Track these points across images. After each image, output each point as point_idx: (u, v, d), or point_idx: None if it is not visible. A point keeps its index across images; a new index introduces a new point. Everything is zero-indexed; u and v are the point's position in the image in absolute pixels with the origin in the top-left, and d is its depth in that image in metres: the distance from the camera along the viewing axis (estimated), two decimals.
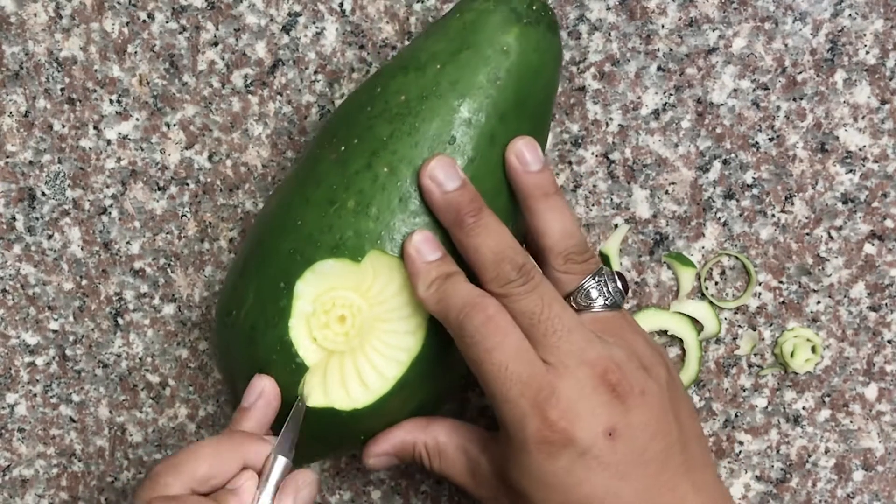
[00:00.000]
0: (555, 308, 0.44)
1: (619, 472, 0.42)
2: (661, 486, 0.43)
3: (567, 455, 0.42)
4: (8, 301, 0.56)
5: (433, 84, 0.45)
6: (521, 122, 0.46)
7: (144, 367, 0.56)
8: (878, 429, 0.55)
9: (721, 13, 0.53)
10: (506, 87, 0.45)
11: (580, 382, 0.42)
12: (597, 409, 0.42)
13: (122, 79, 0.54)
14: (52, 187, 0.55)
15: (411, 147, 0.45)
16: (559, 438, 0.42)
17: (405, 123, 0.45)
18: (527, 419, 0.42)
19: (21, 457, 0.57)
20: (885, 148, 0.53)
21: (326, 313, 0.45)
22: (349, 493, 0.57)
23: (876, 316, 0.54)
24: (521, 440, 0.42)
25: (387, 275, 0.45)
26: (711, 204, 0.54)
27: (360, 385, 0.45)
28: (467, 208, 0.44)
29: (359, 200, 0.45)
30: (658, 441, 0.43)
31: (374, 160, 0.45)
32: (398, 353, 0.45)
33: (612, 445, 0.42)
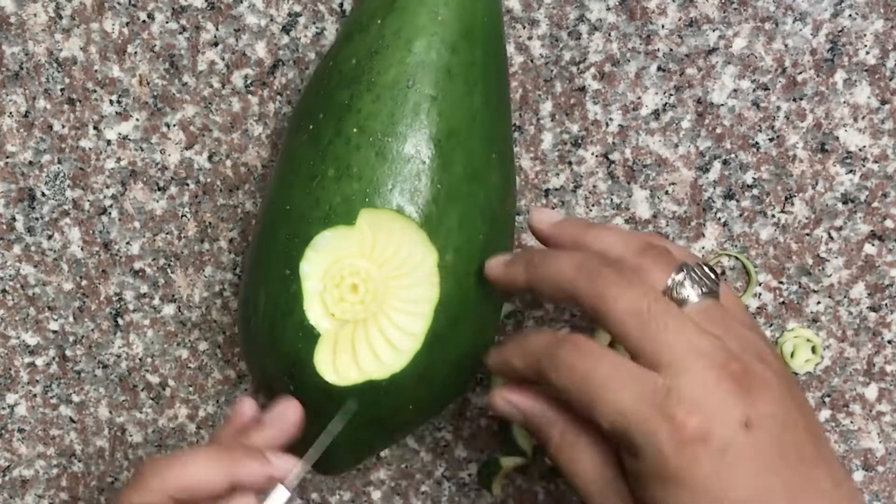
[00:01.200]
0: (661, 303, 0.40)
1: (765, 467, 0.39)
2: (804, 479, 0.39)
3: (709, 455, 0.38)
4: (8, 301, 0.56)
5: (378, 38, 0.46)
6: (474, 49, 0.46)
7: (144, 368, 0.56)
8: (879, 429, 0.55)
9: (721, 13, 0.53)
10: (448, 20, 0.46)
11: (702, 376, 0.39)
12: (726, 402, 0.39)
13: (122, 79, 0.54)
14: (52, 187, 0.55)
15: (373, 101, 0.45)
16: (695, 436, 0.38)
17: (362, 82, 0.45)
18: (654, 424, 0.38)
19: (21, 457, 0.57)
20: (885, 148, 0.53)
21: (338, 286, 0.45)
22: (349, 494, 0.57)
23: (876, 316, 0.54)
24: (657, 452, 0.38)
25: (385, 230, 0.45)
26: (711, 204, 0.54)
27: (390, 348, 0.45)
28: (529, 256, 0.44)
29: (337, 167, 0.45)
30: (789, 432, 0.40)
31: (341, 126, 0.45)
32: (419, 307, 0.45)
33: (751, 438, 0.38)
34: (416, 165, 0.45)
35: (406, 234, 0.45)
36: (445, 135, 0.45)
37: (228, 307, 0.56)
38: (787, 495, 0.38)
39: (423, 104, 0.45)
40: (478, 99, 0.46)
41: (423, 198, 0.45)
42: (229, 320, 0.56)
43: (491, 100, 0.47)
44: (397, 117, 0.45)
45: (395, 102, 0.45)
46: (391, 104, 0.45)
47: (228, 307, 0.56)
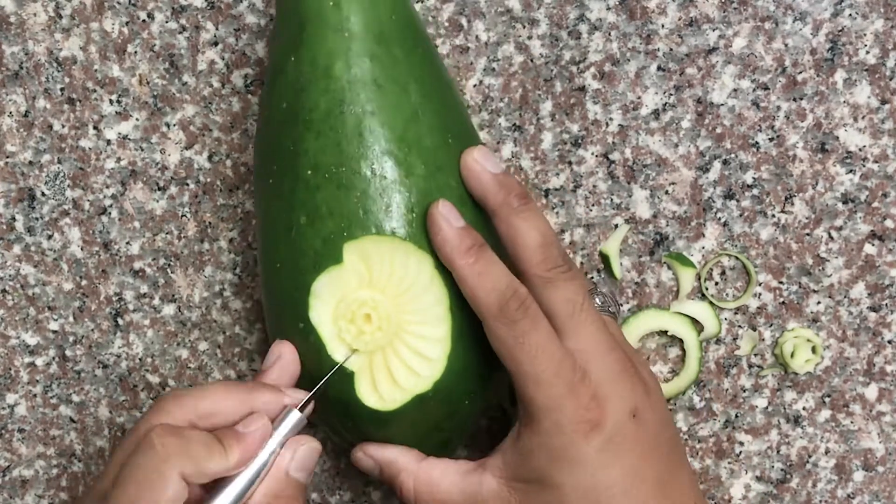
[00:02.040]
0: (587, 299, 0.45)
1: (642, 455, 0.44)
2: (672, 471, 0.45)
3: (601, 435, 0.43)
4: (8, 301, 0.56)
5: (297, 75, 0.45)
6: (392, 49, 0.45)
7: (144, 368, 0.56)
8: (879, 429, 0.55)
9: (721, 13, 0.53)
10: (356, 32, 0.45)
11: (609, 367, 0.44)
12: (624, 392, 0.44)
13: (122, 79, 0.54)
14: (52, 187, 0.55)
15: (315, 138, 0.45)
16: (594, 417, 0.43)
17: (298, 123, 0.45)
18: (563, 399, 0.43)
19: (21, 457, 0.57)
20: (885, 148, 0.53)
21: (352, 322, 0.45)
22: (349, 494, 0.57)
23: (876, 316, 0.54)
24: (556, 422, 0.43)
25: (374, 255, 0.45)
26: (711, 204, 0.54)
27: (424, 360, 0.45)
28: (517, 190, 0.46)
29: (307, 212, 0.45)
30: (666, 430, 0.45)
31: (296, 171, 0.45)
32: (435, 312, 0.45)
33: (636, 426, 0.44)
34: (378, 183, 0.45)
35: (395, 251, 0.45)
36: (395, 143, 0.45)
37: (228, 307, 0.56)
38: (657, 484, 0.44)
39: (363, 122, 0.45)
40: (415, 96, 0.46)
41: (397, 210, 0.45)
42: (229, 320, 0.56)
43: (428, 90, 0.46)
44: (344, 145, 0.45)
45: (336, 131, 0.45)
46: (333, 134, 0.45)
47: (228, 307, 0.56)
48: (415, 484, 0.46)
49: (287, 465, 0.44)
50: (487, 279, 0.44)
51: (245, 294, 0.55)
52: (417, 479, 0.46)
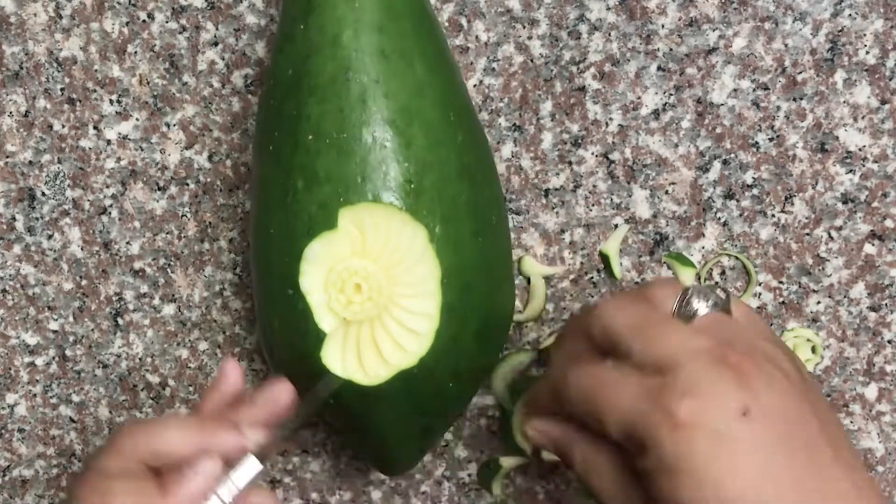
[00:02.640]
0: (658, 315, 0.41)
1: (768, 459, 0.38)
2: (816, 478, 0.39)
3: (704, 439, 0.38)
4: (8, 301, 0.56)
5: (306, 42, 0.46)
6: (401, 22, 0.46)
7: (144, 367, 0.56)
8: (879, 429, 0.55)
9: (721, 13, 0.53)
10: (367, 3, 0.45)
11: (697, 366, 0.39)
12: (721, 387, 0.38)
13: (122, 79, 0.54)
14: (52, 187, 0.55)
15: (318, 103, 0.45)
16: (687, 420, 0.38)
17: (303, 89, 0.45)
18: (653, 417, 0.38)
19: (21, 457, 0.57)
20: (885, 148, 0.53)
21: (342, 291, 0.45)
22: (349, 494, 0.57)
23: (876, 316, 0.54)
24: (657, 444, 0.38)
25: (369, 223, 0.44)
26: (711, 204, 0.54)
27: (411, 335, 0.45)
28: None
29: (304, 177, 0.45)
30: (799, 431, 0.39)
31: (297, 136, 0.45)
32: (425, 287, 0.45)
33: (750, 426, 0.38)
34: (378, 152, 0.45)
35: (390, 220, 0.44)
36: (398, 113, 0.45)
37: (228, 307, 0.56)
38: (797, 492, 0.38)
39: (367, 91, 0.45)
40: (420, 69, 0.46)
41: (395, 180, 0.45)
42: (229, 320, 0.56)
43: (433, 65, 0.46)
44: (346, 112, 0.45)
45: (340, 97, 0.45)
46: (337, 100, 0.45)
47: (228, 307, 0.56)
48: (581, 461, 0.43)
49: None
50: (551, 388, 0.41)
51: (245, 294, 0.55)
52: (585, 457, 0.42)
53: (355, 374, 0.45)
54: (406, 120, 0.45)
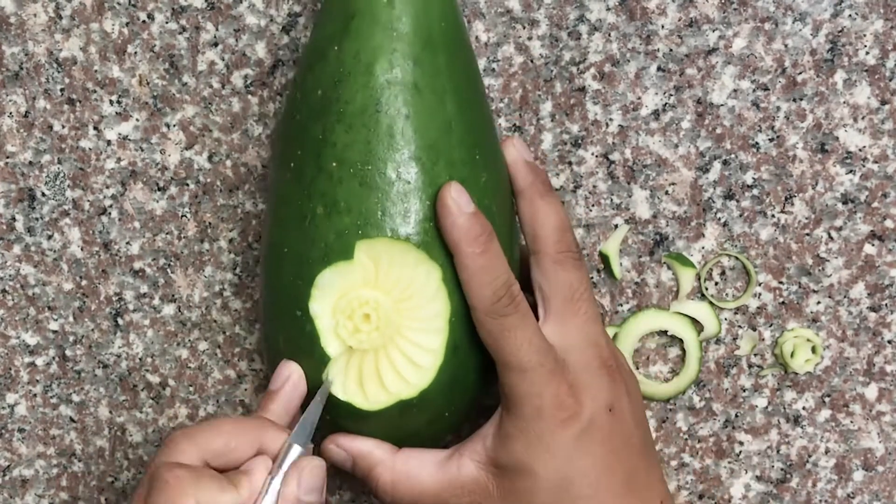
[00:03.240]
0: (589, 290, 0.47)
1: (614, 449, 0.45)
2: (641, 469, 0.47)
3: (576, 424, 0.45)
4: (8, 301, 0.56)
5: (338, 66, 0.45)
6: (437, 56, 0.45)
7: (144, 368, 0.56)
8: (879, 429, 0.55)
9: (721, 13, 0.53)
10: (405, 34, 0.45)
11: (587, 361, 0.46)
12: (601, 385, 0.46)
13: (122, 79, 0.54)
14: (52, 187, 0.55)
15: (346, 132, 0.45)
16: (571, 404, 0.45)
17: (331, 114, 0.45)
18: (544, 387, 0.44)
19: (21, 457, 0.57)
20: (885, 148, 0.53)
21: (350, 318, 0.45)
22: (349, 494, 0.57)
23: (876, 316, 0.54)
24: (537, 408, 0.44)
25: (385, 257, 0.45)
26: (711, 204, 0.54)
27: (414, 368, 0.45)
28: (545, 178, 0.48)
29: (325, 203, 0.45)
30: (639, 430, 0.47)
31: (321, 161, 0.45)
32: (433, 323, 0.45)
33: (611, 421, 0.45)
34: (401, 187, 0.44)
35: (406, 257, 0.45)
36: (425, 150, 0.45)
37: (228, 307, 0.56)
38: (626, 480, 0.46)
39: (396, 125, 0.44)
40: (450, 107, 0.45)
41: (415, 217, 0.45)
42: (229, 320, 0.56)
43: (464, 102, 0.46)
44: (374, 144, 0.44)
45: (368, 129, 0.44)
46: (365, 132, 0.44)
47: (228, 307, 0.56)
48: (392, 477, 0.47)
49: (296, 492, 0.44)
50: (488, 273, 0.45)
51: (245, 294, 0.55)
52: (395, 471, 0.47)
53: (355, 397, 0.46)
54: (432, 158, 0.45)
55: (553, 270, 0.46)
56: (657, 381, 0.55)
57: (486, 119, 0.48)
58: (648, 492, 0.47)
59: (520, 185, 0.47)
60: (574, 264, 0.47)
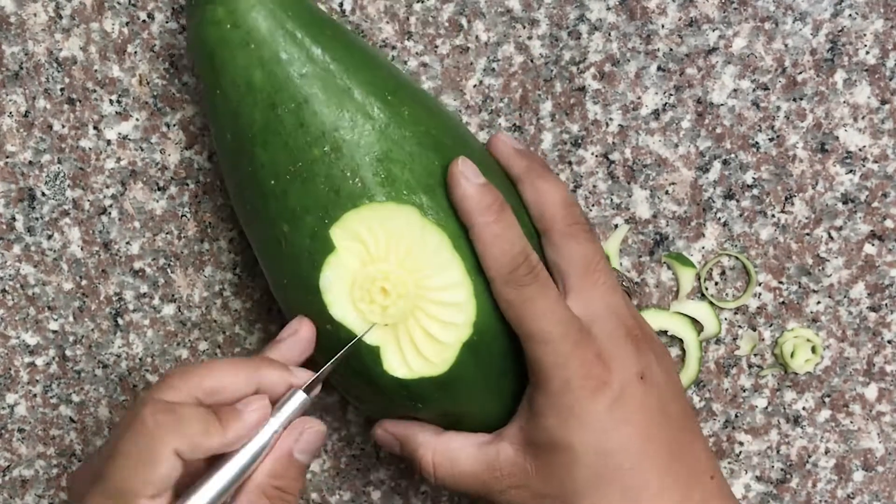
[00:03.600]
0: (604, 260, 0.47)
1: (651, 418, 0.44)
2: (685, 439, 0.45)
3: (608, 393, 0.44)
4: (8, 301, 0.56)
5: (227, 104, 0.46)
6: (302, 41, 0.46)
7: (144, 367, 0.56)
8: (879, 429, 0.55)
9: (721, 13, 0.53)
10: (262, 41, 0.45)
11: (611, 330, 0.45)
12: (627, 354, 0.45)
13: (122, 79, 0.54)
14: (52, 187, 0.55)
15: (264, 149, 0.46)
16: (600, 373, 0.44)
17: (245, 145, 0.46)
18: (570, 358, 0.43)
19: (21, 457, 0.57)
20: (885, 148, 0.53)
21: (372, 302, 0.45)
22: (349, 494, 0.57)
23: (876, 316, 0.54)
24: (564, 380, 0.43)
25: (363, 229, 0.45)
26: (711, 204, 0.54)
27: (453, 307, 0.45)
28: (540, 160, 0.48)
29: (285, 219, 0.46)
30: (676, 403, 0.46)
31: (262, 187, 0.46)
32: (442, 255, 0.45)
33: (644, 389, 0.44)
34: (337, 161, 0.45)
35: (379, 217, 0.45)
36: (336, 120, 0.45)
37: (228, 307, 0.56)
38: (671, 449, 0.44)
39: (300, 114, 0.45)
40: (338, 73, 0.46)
41: (363, 179, 0.45)
42: (229, 320, 0.56)
43: (349, 63, 0.46)
44: (291, 142, 0.45)
45: (279, 133, 0.45)
46: (277, 138, 0.45)
47: (228, 307, 0.56)
48: (433, 457, 0.47)
49: (292, 447, 0.44)
50: (503, 241, 0.44)
51: (245, 294, 0.55)
52: (436, 452, 0.47)
53: (423, 369, 0.45)
54: (347, 121, 0.45)
55: (566, 244, 0.46)
56: None
57: (381, 63, 0.48)
58: (696, 464, 0.45)
59: (517, 172, 0.48)
60: (586, 236, 0.46)
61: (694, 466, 0.45)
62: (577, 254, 0.46)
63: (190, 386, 0.42)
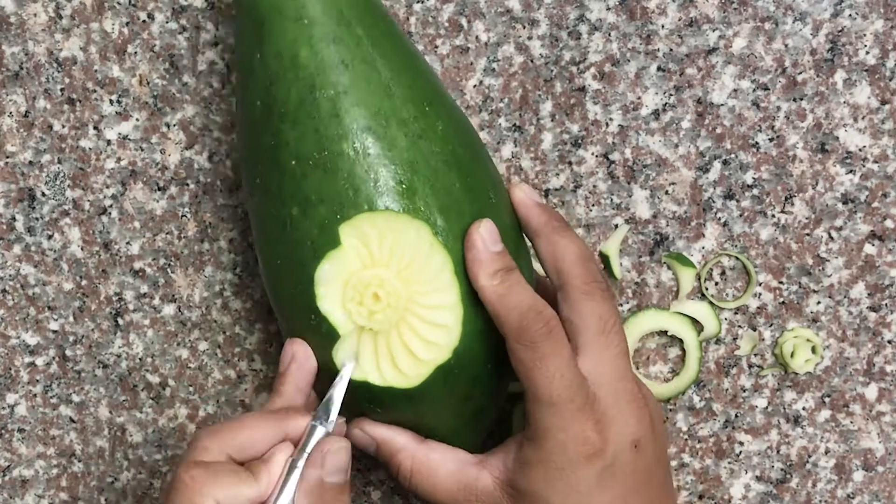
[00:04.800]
0: (619, 322, 0.46)
1: (636, 486, 0.45)
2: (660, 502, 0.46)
3: (600, 461, 0.44)
4: (8, 301, 0.56)
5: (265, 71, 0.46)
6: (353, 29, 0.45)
7: (144, 368, 0.56)
8: (879, 429, 0.55)
9: (721, 13, 0.53)
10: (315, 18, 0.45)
11: (618, 395, 0.45)
12: (630, 421, 0.45)
13: (122, 79, 0.54)
14: (52, 187, 0.55)
15: (292, 128, 0.45)
16: (596, 441, 0.44)
17: (274, 117, 0.45)
18: (570, 423, 0.44)
19: (21, 457, 0.57)
20: (885, 148, 0.53)
21: (361, 304, 0.45)
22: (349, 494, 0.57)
23: (876, 316, 0.54)
24: (561, 442, 0.44)
25: (372, 233, 0.45)
26: (711, 204, 0.54)
27: (439, 328, 0.45)
28: (558, 216, 0.47)
29: (297, 203, 0.45)
30: (660, 468, 0.47)
31: (280, 164, 0.45)
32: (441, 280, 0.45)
33: (635, 458, 0.45)
34: (363, 161, 0.45)
35: (391, 225, 0.45)
36: (373, 119, 0.45)
37: (228, 307, 0.56)
38: None
39: (337, 104, 0.45)
40: (384, 71, 0.46)
41: (386, 185, 0.45)
42: (229, 320, 0.56)
43: (396, 64, 0.46)
44: (322, 129, 0.45)
45: (312, 117, 0.45)
46: (310, 121, 0.45)
47: (228, 307, 0.56)
48: (412, 464, 0.47)
49: (320, 474, 0.44)
50: (510, 299, 0.44)
51: (245, 294, 0.55)
52: (415, 459, 0.47)
53: (394, 380, 0.45)
54: (382, 123, 0.45)
55: (582, 302, 0.46)
56: (657, 381, 0.55)
57: (426, 72, 0.48)
58: None
59: (534, 226, 0.48)
60: (602, 295, 0.46)
61: None
62: (594, 313, 0.46)
63: (221, 445, 0.44)
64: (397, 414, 0.47)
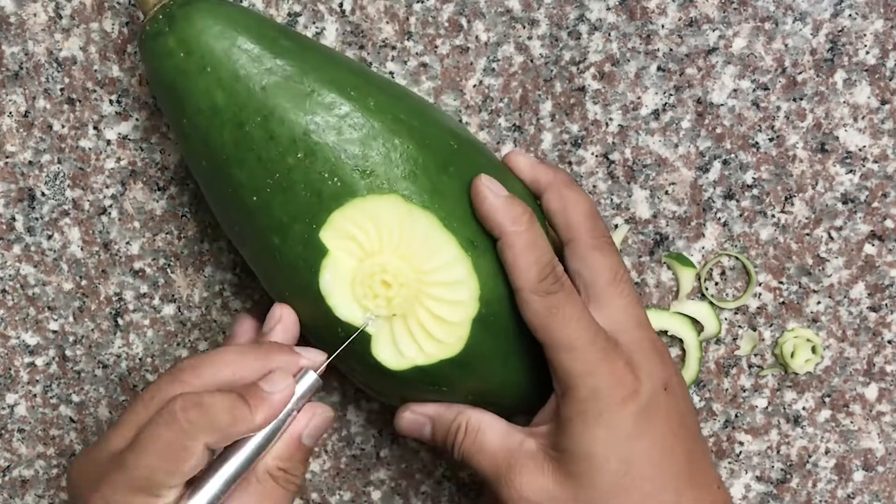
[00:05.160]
0: (628, 273, 0.47)
1: (673, 430, 0.45)
2: (698, 452, 0.46)
3: (637, 402, 0.44)
4: (8, 301, 0.56)
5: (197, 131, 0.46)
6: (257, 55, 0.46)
7: (144, 368, 0.56)
8: (879, 429, 0.55)
9: (721, 13, 0.53)
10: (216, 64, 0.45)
11: (639, 341, 0.45)
12: (654, 364, 0.45)
13: (122, 79, 0.54)
14: (51, 187, 0.55)
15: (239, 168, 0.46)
16: (631, 381, 0.44)
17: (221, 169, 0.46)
18: (598, 366, 0.44)
19: (21, 457, 0.57)
20: (885, 148, 0.53)
21: (375, 297, 0.45)
22: (349, 494, 0.57)
23: (876, 316, 0.54)
24: (593, 388, 0.44)
25: (355, 227, 0.45)
26: (711, 204, 0.54)
27: (456, 284, 0.45)
28: (565, 173, 0.48)
29: (273, 230, 0.46)
30: (691, 415, 0.46)
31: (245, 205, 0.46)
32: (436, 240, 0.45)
33: (668, 400, 0.45)
34: (311, 166, 0.45)
35: (363, 211, 0.45)
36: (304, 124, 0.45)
37: (228, 307, 0.56)
38: (686, 461, 0.45)
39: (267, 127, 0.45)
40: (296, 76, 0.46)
41: (343, 178, 0.45)
42: (229, 320, 0.56)
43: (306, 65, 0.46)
44: (264, 155, 0.45)
45: (251, 150, 0.45)
46: (251, 154, 0.45)
47: (228, 307, 0.56)
48: (467, 424, 0.47)
49: (301, 431, 0.44)
50: (534, 251, 0.45)
51: (245, 294, 0.55)
52: (470, 419, 0.47)
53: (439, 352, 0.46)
54: (314, 124, 0.45)
55: (591, 255, 0.46)
56: None
57: (341, 61, 0.48)
58: (705, 476, 0.46)
59: (544, 182, 0.48)
60: (611, 249, 0.47)
61: (705, 476, 0.46)
62: (604, 265, 0.46)
63: (204, 381, 0.43)
64: (461, 387, 0.47)
